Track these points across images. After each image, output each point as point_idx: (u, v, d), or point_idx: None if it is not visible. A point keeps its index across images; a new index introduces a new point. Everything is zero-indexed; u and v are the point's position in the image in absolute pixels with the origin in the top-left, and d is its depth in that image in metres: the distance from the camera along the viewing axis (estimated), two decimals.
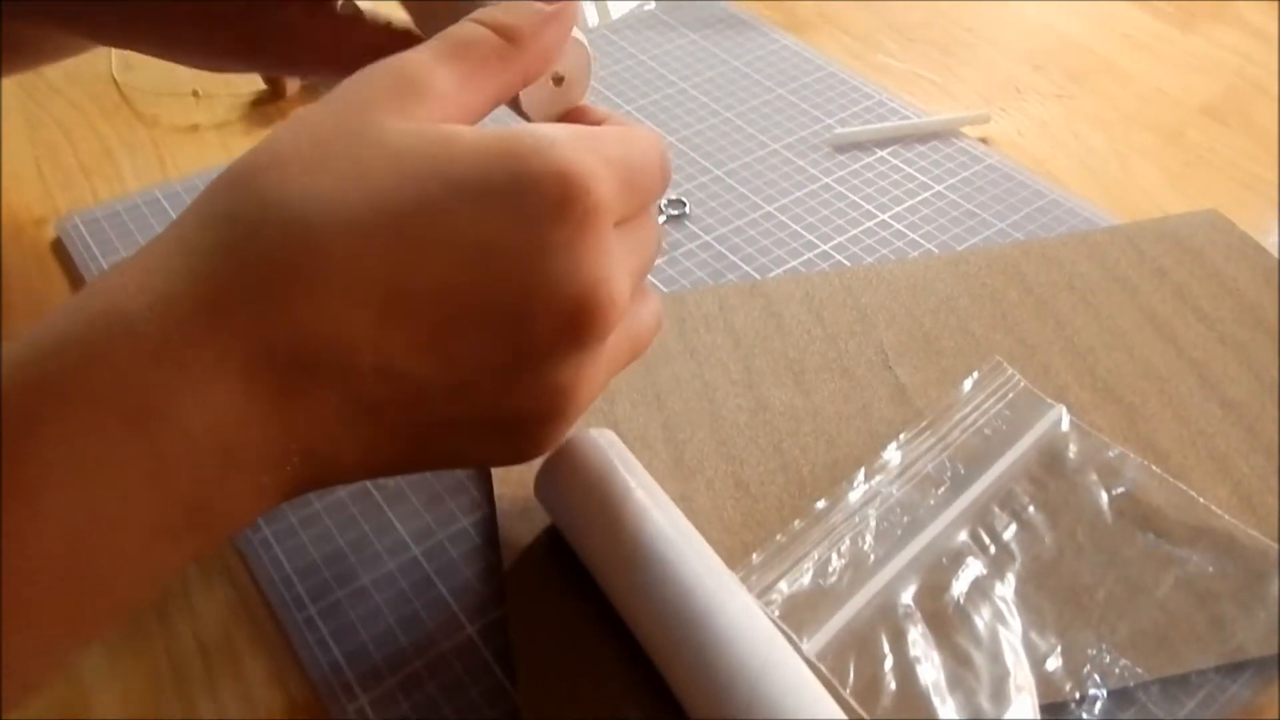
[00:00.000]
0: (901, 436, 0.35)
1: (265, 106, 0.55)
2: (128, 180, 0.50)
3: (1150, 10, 0.61)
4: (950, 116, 0.51)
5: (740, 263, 0.44)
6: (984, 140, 0.51)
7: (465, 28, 0.28)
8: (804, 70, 0.55)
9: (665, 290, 0.43)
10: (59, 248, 0.46)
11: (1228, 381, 0.38)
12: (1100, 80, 0.55)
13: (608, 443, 0.31)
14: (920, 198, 0.48)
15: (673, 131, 0.52)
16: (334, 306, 0.22)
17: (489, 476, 0.34)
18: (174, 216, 0.46)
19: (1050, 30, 0.59)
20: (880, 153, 0.50)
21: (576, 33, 0.30)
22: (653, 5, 0.60)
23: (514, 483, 0.34)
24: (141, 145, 0.52)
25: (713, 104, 0.53)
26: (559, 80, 0.31)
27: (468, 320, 0.23)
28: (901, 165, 0.49)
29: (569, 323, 0.24)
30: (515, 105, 0.30)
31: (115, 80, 0.56)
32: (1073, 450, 0.34)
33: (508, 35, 0.28)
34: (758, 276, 0.44)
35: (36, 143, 0.52)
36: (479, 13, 0.29)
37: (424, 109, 0.25)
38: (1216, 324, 0.40)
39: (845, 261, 0.44)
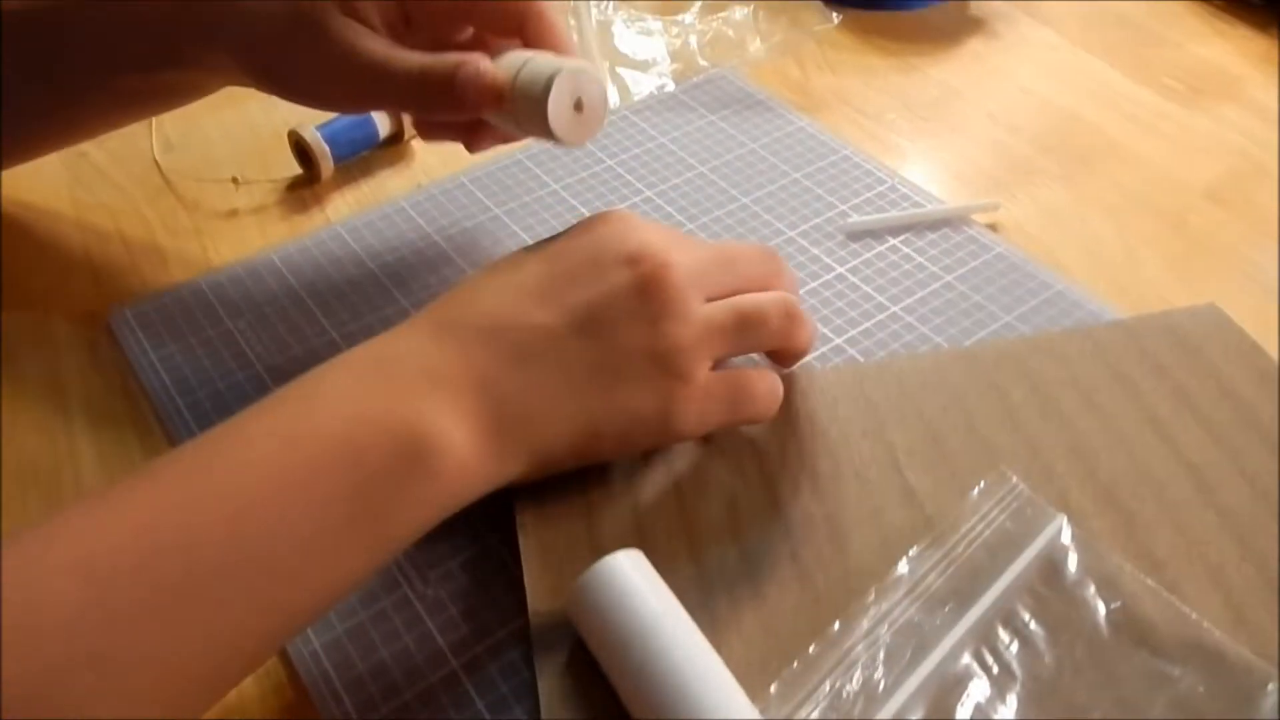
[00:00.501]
0: (912, 551, 0.37)
1: (301, 190, 0.57)
2: (172, 266, 0.53)
3: (1157, 88, 0.62)
4: (961, 205, 0.53)
5: (757, 356, 0.46)
6: (993, 227, 0.53)
7: None
8: (819, 154, 0.57)
9: None
10: (111, 338, 0.49)
11: (1223, 487, 0.40)
12: (1107, 163, 0.57)
13: (634, 565, 0.33)
14: (930, 289, 0.49)
15: (693, 219, 0.54)
16: (488, 291, 0.38)
17: (523, 591, 0.36)
18: (217, 305, 0.50)
19: (1061, 110, 0.61)
20: (892, 240, 0.52)
21: (590, 67, 0.41)
22: (672, 87, 0.62)
23: (546, 597, 0.36)
24: (184, 231, 0.55)
25: (731, 189, 0.56)
26: (580, 107, 0.40)
27: (567, 280, 0.37)
28: (913, 254, 0.51)
29: (629, 261, 0.38)
30: (549, 135, 0.40)
31: (157, 162, 0.59)
32: (1073, 562, 0.36)
33: None
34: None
35: (85, 230, 0.55)
36: None
37: None
38: (1214, 426, 0.42)
39: (858, 355, 0.47)
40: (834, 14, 0.65)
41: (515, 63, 0.42)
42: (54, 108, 0.50)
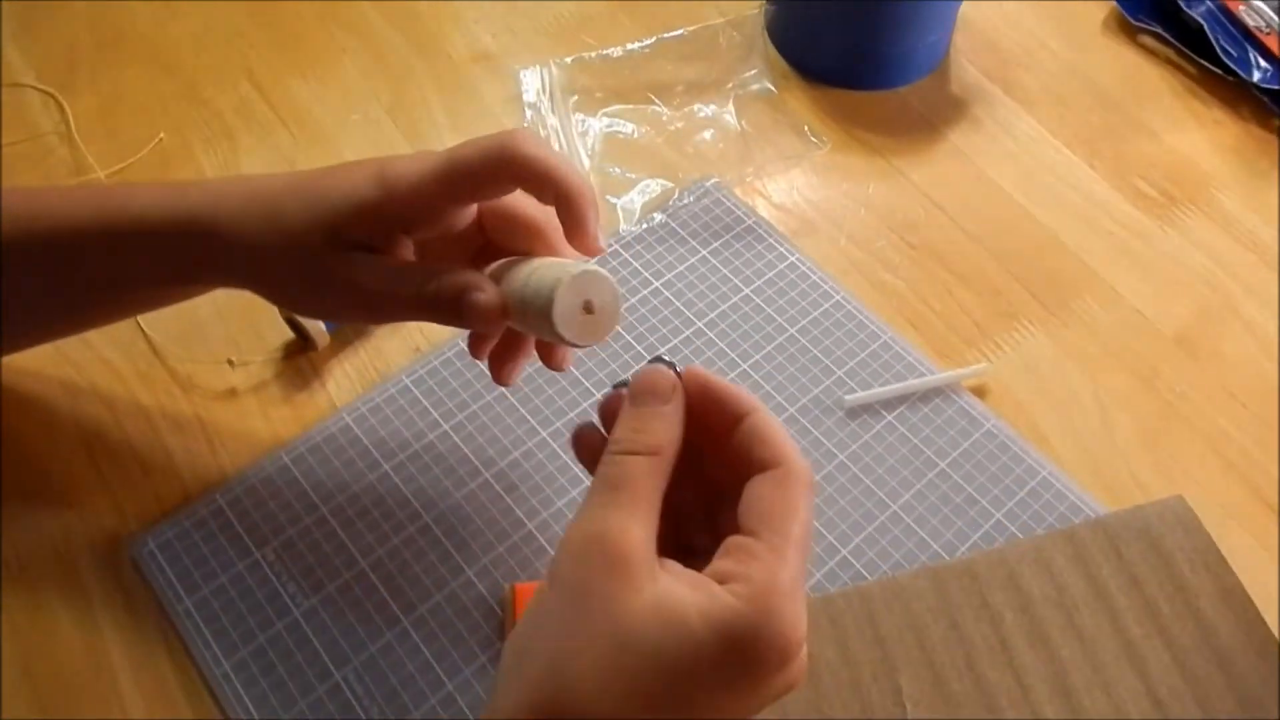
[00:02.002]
0: None
1: (297, 359, 0.56)
2: (183, 471, 0.53)
3: (1132, 195, 0.63)
4: (952, 374, 0.55)
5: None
6: (981, 390, 0.56)
7: (623, 468, 0.36)
8: (813, 301, 0.58)
9: None
10: (135, 569, 0.50)
11: None
12: (1084, 300, 0.59)
13: None
14: (926, 479, 0.53)
15: None
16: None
17: None
18: (240, 529, 0.50)
19: (1040, 229, 0.62)
20: (888, 417, 0.55)
21: (597, 269, 0.38)
22: (660, 217, 0.61)
23: None
24: (186, 421, 0.54)
25: (730, 351, 0.57)
26: (590, 309, 0.38)
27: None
28: (909, 435, 0.54)
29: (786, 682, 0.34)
30: (556, 336, 0.38)
31: (142, 329, 0.57)
32: None
33: (654, 450, 0.36)
34: None
35: (85, 429, 0.54)
36: (621, 443, 0.36)
37: (638, 578, 0.33)
38: (1180, 652, 0.47)
39: (863, 570, 0.50)
40: (822, 140, 0.64)
41: (521, 275, 0.42)
42: (64, 317, 0.51)
